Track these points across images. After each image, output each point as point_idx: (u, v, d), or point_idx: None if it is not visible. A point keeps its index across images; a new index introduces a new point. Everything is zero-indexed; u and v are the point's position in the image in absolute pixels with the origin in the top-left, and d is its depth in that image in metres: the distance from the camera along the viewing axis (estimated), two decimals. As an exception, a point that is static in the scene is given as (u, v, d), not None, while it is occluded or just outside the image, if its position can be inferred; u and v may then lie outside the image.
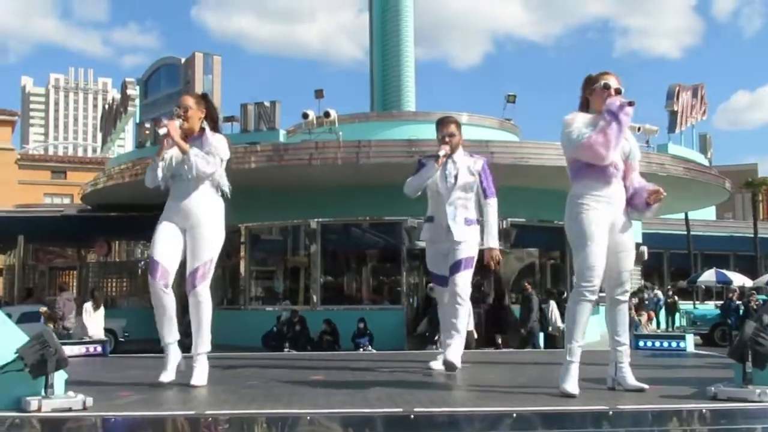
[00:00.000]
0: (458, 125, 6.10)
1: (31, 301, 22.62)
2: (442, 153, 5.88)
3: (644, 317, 16.55)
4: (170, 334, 5.05)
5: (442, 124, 6.09)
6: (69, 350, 5.98)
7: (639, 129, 20.15)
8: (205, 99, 5.36)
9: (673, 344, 7.65)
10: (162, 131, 5.12)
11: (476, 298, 18.82)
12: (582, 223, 4.49)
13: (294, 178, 17.54)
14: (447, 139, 5.95)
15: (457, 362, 5.59)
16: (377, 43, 23.34)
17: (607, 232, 4.55)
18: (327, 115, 18.51)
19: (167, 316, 4.99)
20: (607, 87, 4.58)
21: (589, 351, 4.99)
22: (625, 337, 4.69)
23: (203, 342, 5.09)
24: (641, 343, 7.93)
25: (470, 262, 5.84)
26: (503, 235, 19.04)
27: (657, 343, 7.77)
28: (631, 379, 4.59)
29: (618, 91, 4.60)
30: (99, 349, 7.42)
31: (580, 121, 4.56)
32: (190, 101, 5.24)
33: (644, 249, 26.68)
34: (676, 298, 24.99)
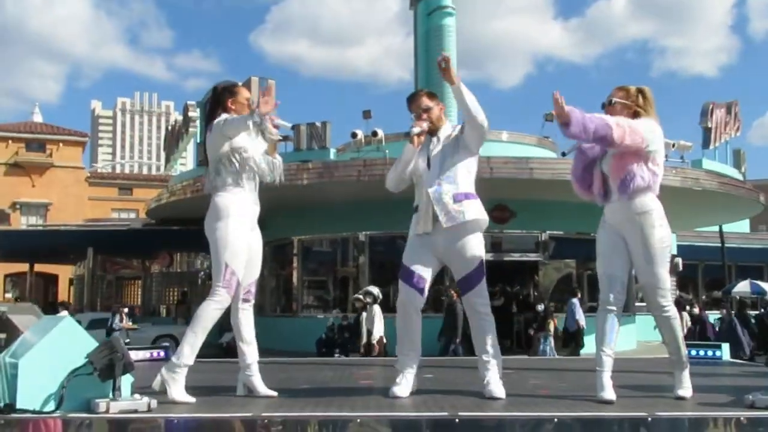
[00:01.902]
0: (432, 96, 4.83)
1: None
2: (416, 130, 4.64)
3: (551, 324, 16.09)
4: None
5: (410, 100, 4.82)
6: (134, 355, 6.06)
7: (674, 145, 19.85)
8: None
9: (710, 353, 7.48)
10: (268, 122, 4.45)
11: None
12: (598, 244, 4.58)
13: (343, 194, 17.60)
14: (424, 116, 4.73)
15: (503, 393, 4.47)
16: (421, 65, 23.31)
17: (623, 248, 4.49)
18: (374, 134, 18.57)
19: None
20: (610, 104, 4.53)
21: (626, 359, 4.91)
22: (672, 347, 4.55)
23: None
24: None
25: (482, 269, 4.60)
26: (542, 246, 18.92)
27: (693, 352, 7.60)
28: (677, 387, 4.47)
29: (610, 102, 4.53)
30: (162, 354, 7.52)
31: None
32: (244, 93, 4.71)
33: (679, 260, 26.19)
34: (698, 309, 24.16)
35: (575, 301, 16.69)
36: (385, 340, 13.30)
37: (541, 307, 16.47)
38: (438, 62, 4.43)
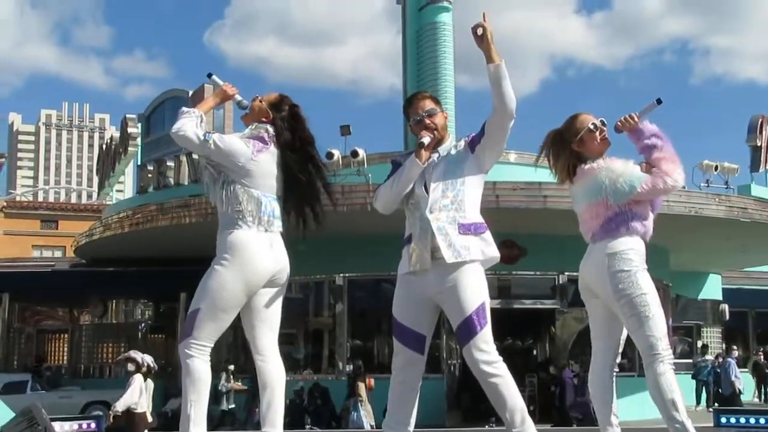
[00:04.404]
0: (436, 100, 4.72)
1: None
2: (427, 140, 4.51)
3: (361, 387, 15.93)
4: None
5: (410, 102, 4.72)
6: (59, 427, 6.01)
7: (716, 168, 20.03)
8: (279, 103, 4.81)
9: (751, 420, 7.50)
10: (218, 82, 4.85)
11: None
12: (648, 285, 4.55)
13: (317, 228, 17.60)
14: (427, 121, 4.61)
15: None
16: (411, 69, 23.42)
17: None
18: (354, 154, 18.57)
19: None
20: (596, 127, 4.74)
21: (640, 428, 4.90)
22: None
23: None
24: (723, 419, 7.79)
25: (484, 312, 4.40)
26: (559, 291, 18.93)
27: (742, 420, 7.63)
28: None
29: (604, 124, 4.77)
30: (93, 425, 7.44)
31: (621, 162, 4.72)
32: (267, 97, 4.83)
33: (725, 307, 26.27)
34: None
35: (731, 360, 16.57)
36: (149, 417, 12.56)
37: (348, 368, 16.29)
38: (473, 30, 4.38)
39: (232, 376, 18.35)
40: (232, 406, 17.02)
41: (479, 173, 4.60)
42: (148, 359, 12.83)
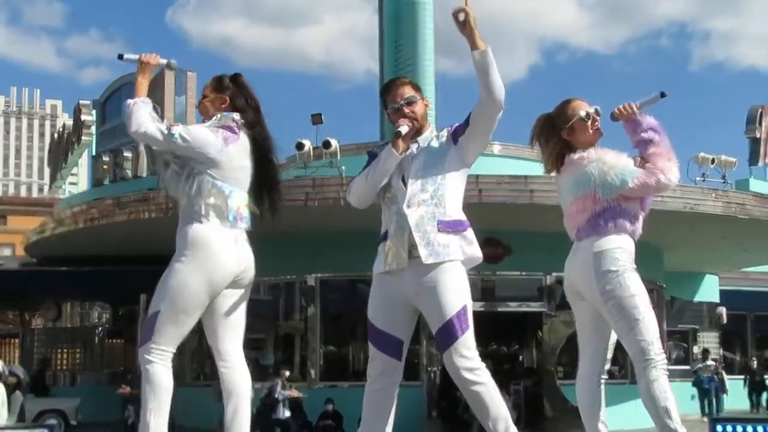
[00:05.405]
0: (416, 87, 4.70)
1: None
2: (404, 129, 4.49)
3: None
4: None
5: (388, 89, 4.69)
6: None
7: (713, 161, 20.14)
8: (219, 84, 4.81)
9: (759, 429, 7.56)
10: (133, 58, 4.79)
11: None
12: (637, 286, 4.57)
13: (286, 224, 17.52)
14: (406, 110, 4.59)
15: None
16: (389, 52, 23.20)
17: None
18: (327, 145, 18.49)
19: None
20: (588, 116, 4.77)
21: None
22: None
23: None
24: (719, 429, 7.85)
25: (466, 315, 4.40)
26: (547, 293, 18.99)
27: (739, 428, 7.69)
28: None
29: (598, 113, 4.80)
30: (46, 436, 7.40)
31: (613, 154, 4.73)
32: (207, 88, 4.83)
33: (722, 310, 26.41)
34: (724, 374, 23.92)
35: None
36: None
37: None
38: (454, 15, 4.36)
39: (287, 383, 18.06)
40: (288, 414, 16.82)
41: (462, 166, 4.61)
42: (18, 370, 12.69)
